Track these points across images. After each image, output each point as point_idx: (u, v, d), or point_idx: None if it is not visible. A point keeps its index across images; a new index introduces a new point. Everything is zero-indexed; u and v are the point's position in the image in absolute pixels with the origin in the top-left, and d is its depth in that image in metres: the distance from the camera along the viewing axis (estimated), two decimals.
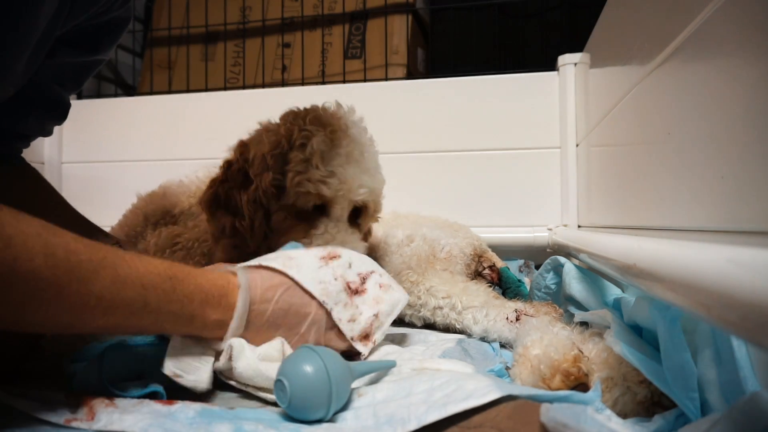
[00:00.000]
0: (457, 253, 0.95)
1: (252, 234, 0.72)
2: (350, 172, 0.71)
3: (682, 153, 0.51)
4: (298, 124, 0.73)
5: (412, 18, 1.56)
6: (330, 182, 0.70)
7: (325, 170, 0.70)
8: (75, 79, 0.65)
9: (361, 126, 0.77)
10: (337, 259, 0.60)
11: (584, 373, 0.48)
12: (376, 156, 0.78)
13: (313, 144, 0.70)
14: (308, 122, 0.73)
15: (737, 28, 0.40)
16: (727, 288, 0.26)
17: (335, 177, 0.71)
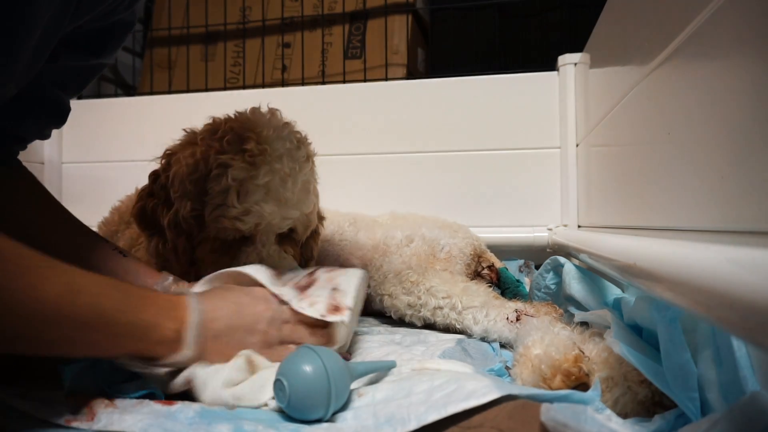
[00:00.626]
0: (456, 253, 0.95)
1: (176, 259, 0.69)
2: (268, 209, 0.66)
3: (682, 153, 0.51)
4: (215, 147, 0.68)
5: (412, 18, 1.56)
6: (246, 220, 0.66)
7: (241, 207, 0.65)
8: (77, 83, 0.64)
9: (287, 139, 0.70)
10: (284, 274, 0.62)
11: (585, 373, 0.48)
12: (306, 175, 0.71)
13: (229, 177, 0.65)
14: (225, 144, 0.67)
15: (737, 28, 0.40)
16: (727, 288, 0.26)
17: (251, 215, 0.66)
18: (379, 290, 0.86)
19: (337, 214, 1.04)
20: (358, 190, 1.35)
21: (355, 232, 0.99)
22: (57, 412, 0.43)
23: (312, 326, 0.57)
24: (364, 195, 1.33)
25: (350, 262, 0.95)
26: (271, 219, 0.67)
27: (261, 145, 0.67)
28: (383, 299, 0.85)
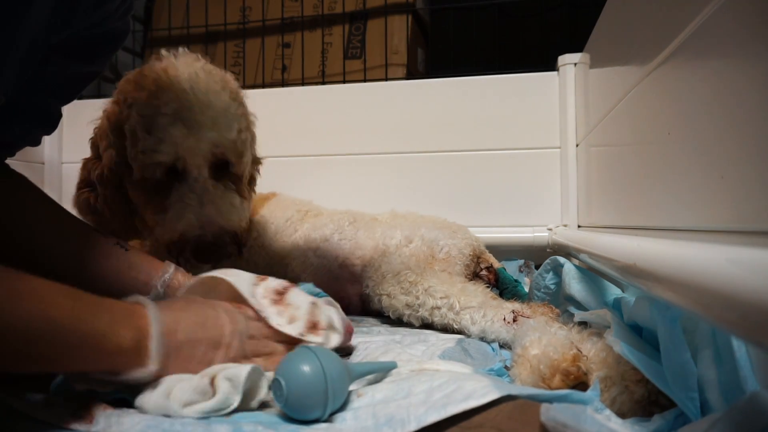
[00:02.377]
0: (455, 253, 0.95)
1: (110, 210, 0.70)
2: (177, 132, 0.66)
3: (682, 153, 0.51)
4: (125, 91, 0.69)
5: (412, 18, 1.56)
6: (161, 149, 0.66)
7: (151, 138, 0.66)
8: (69, 90, 0.63)
9: (197, 73, 0.72)
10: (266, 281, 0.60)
11: (584, 372, 0.48)
12: (221, 103, 0.71)
13: (133, 112, 0.66)
14: (133, 87, 0.69)
15: (737, 28, 0.40)
16: (727, 288, 0.26)
17: (164, 142, 0.66)
18: (377, 290, 0.86)
19: (335, 212, 1.04)
20: (358, 190, 1.35)
21: (355, 231, 0.99)
22: (57, 414, 0.43)
23: (288, 341, 0.55)
24: (363, 195, 1.33)
25: (350, 261, 0.95)
26: (185, 143, 0.66)
27: (165, 77, 0.68)
28: (381, 299, 0.85)
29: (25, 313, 0.36)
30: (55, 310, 0.38)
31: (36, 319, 0.37)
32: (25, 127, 0.62)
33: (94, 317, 0.41)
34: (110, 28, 0.61)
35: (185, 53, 0.75)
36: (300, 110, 1.39)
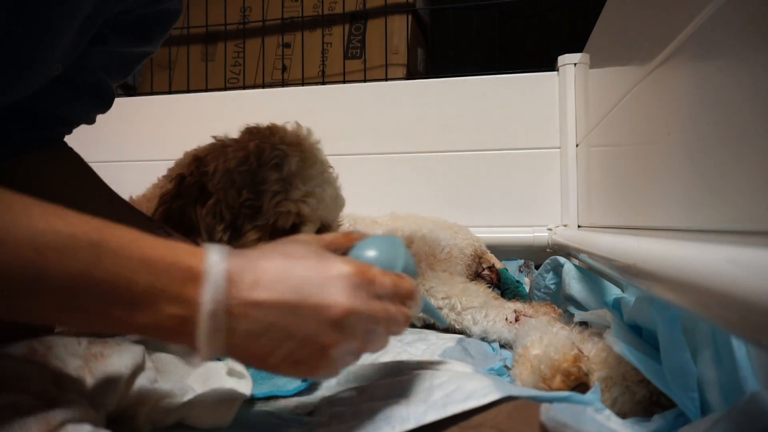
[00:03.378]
0: (457, 253, 0.95)
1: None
2: (329, 191, 0.74)
3: (682, 153, 0.51)
4: (270, 142, 0.73)
5: (412, 18, 1.56)
6: (309, 201, 0.71)
7: (304, 189, 0.71)
8: (122, 69, 0.65)
9: (321, 149, 0.79)
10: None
11: (584, 372, 0.48)
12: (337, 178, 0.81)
13: (291, 163, 0.71)
14: (279, 141, 0.73)
15: (737, 28, 0.40)
16: (727, 288, 0.26)
17: (314, 197, 0.71)
18: None
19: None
20: (358, 190, 1.34)
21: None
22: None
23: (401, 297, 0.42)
24: (363, 195, 1.33)
25: None
26: (329, 203, 0.73)
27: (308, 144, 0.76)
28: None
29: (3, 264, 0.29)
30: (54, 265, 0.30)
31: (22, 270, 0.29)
32: (85, 105, 0.64)
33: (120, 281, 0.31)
34: (164, 8, 0.62)
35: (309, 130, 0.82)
36: (300, 110, 1.38)
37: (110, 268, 0.31)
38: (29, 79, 0.50)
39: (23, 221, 0.29)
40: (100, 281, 0.31)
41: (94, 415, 0.38)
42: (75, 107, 0.63)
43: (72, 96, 0.60)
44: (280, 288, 0.34)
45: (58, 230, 0.30)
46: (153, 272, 0.32)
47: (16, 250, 0.28)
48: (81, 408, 0.37)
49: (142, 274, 0.32)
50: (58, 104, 0.60)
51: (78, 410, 0.37)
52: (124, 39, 0.60)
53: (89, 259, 0.30)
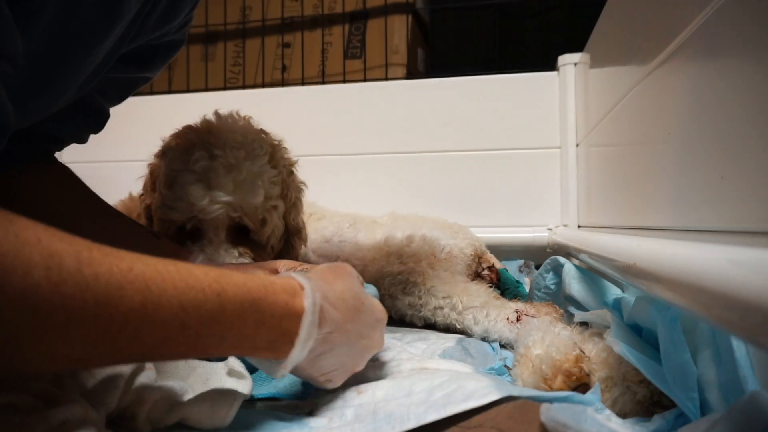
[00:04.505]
0: (457, 253, 0.95)
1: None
2: (195, 192, 0.65)
3: (682, 153, 0.51)
4: (166, 141, 0.72)
5: (412, 18, 1.56)
6: (177, 206, 0.66)
7: (170, 194, 0.66)
8: (119, 93, 0.66)
9: (240, 132, 0.71)
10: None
11: (586, 373, 0.48)
12: (257, 168, 0.70)
13: (161, 166, 0.69)
14: (173, 139, 0.72)
15: (737, 28, 0.40)
16: (727, 288, 0.26)
17: (182, 200, 0.66)
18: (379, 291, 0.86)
19: (336, 214, 1.04)
20: (358, 190, 1.35)
21: (355, 233, 0.99)
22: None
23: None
24: (363, 195, 1.33)
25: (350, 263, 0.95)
26: (199, 204, 0.65)
27: (205, 135, 0.69)
28: (383, 299, 0.85)
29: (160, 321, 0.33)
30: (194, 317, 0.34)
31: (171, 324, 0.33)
32: (77, 126, 0.64)
33: (238, 322, 0.37)
34: (169, 40, 0.64)
35: (236, 115, 0.76)
36: (300, 110, 1.39)
37: (231, 314, 0.36)
38: (44, 110, 0.52)
39: (170, 283, 0.33)
40: (223, 325, 0.36)
41: (94, 415, 0.38)
42: (67, 127, 0.63)
43: (65, 116, 0.60)
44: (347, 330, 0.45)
45: (193, 285, 0.34)
46: (260, 311, 0.38)
47: (170, 309, 0.33)
48: (81, 408, 0.37)
49: (253, 314, 0.38)
50: (51, 123, 0.60)
51: (78, 410, 0.37)
52: (125, 67, 0.61)
53: (216, 309, 0.35)
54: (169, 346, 0.34)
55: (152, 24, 0.58)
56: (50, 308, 0.27)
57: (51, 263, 0.28)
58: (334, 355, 0.44)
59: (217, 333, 0.36)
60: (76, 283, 0.28)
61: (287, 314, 0.40)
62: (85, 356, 0.31)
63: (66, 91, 0.51)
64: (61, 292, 0.28)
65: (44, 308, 0.27)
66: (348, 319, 0.45)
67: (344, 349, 0.45)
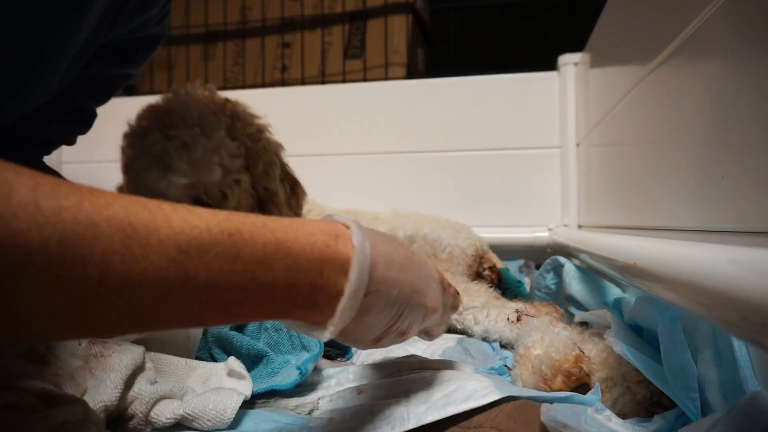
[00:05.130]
0: (458, 253, 0.95)
1: None
2: (149, 176, 0.66)
3: (682, 153, 0.51)
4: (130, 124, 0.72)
5: (412, 18, 1.55)
6: (138, 191, 0.67)
7: (130, 178, 0.67)
8: (105, 91, 0.65)
9: (196, 113, 0.69)
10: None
11: (586, 373, 0.48)
12: (211, 144, 0.68)
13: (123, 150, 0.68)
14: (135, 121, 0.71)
15: (737, 28, 0.40)
16: (727, 288, 0.26)
17: (141, 185, 0.67)
18: None
19: (336, 211, 1.04)
20: (358, 189, 1.35)
21: None
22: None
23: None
24: (363, 195, 1.33)
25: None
26: (157, 188, 0.65)
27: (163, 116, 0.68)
28: None
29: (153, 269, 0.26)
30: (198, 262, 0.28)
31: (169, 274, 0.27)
32: (63, 126, 0.63)
33: (261, 270, 0.30)
34: (148, 33, 0.62)
35: (198, 87, 0.75)
36: (300, 110, 1.39)
37: (249, 259, 0.29)
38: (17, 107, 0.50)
39: (162, 220, 0.27)
40: (242, 274, 0.29)
41: (94, 415, 0.38)
42: (53, 127, 0.62)
43: (50, 115, 0.59)
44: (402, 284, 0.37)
45: (195, 224, 0.28)
46: (291, 255, 0.31)
47: (163, 251, 0.26)
48: (81, 408, 0.37)
49: (280, 260, 0.31)
50: (36, 125, 0.59)
51: (78, 410, 0.37)
52: (105, 63, 0.60)
53: (229, 253, 0.29)
54: (173, 303, 0.27)
55: (129, 12, 0.56)
56: (37, 263, 0.23)
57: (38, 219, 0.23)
58: (386, 309, 0.37)
59: (235, 284, 0.29)
60: (30, 216, 0.23)
61: (330, 259, 0.32)
62: (59, 316, 0.24)
63: (44, 83, 0.50)
64: (11, 227, 0.22)
65: (32, 262, 0.23)
66: (400, 267, 0.38)
67: (396, 305, 0.37)
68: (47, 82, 0.50)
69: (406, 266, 0.38)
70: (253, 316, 0.32)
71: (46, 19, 0.45)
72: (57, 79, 0.51)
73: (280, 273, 0.30)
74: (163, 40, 0.66)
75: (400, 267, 0.38)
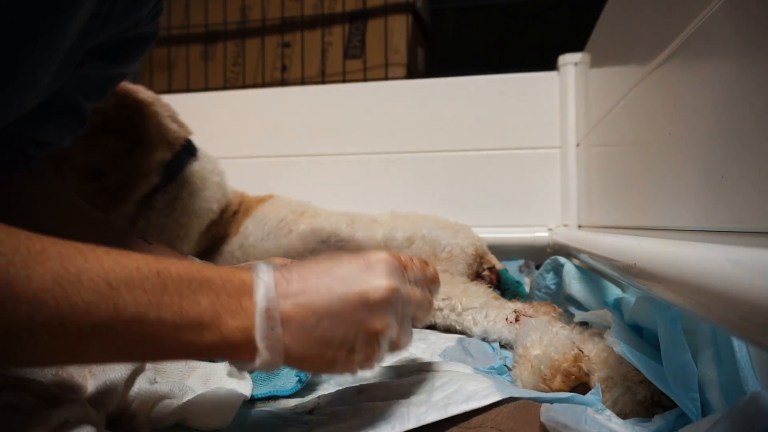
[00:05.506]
0: (458, 252, 0.95)
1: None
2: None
3: (682, 153, 0.51)
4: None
5: (412, 18, 1.55)
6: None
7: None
8: (98, 90, 0.65)
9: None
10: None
11: (585, 372, 0.48)
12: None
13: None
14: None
15: (737, 28, 0.40)
16: (727, 288, 0.26)
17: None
18: None
19: (333, 213, 1.04)
20: (358, 189, 1.35)
21: (353, 233, 0.99)
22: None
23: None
24: (363, 195, 1.33)
25: None
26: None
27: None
28: None
29: (83, 303, 0.28)
30: (127, 296, 0.30)
31: (99, 308, 0.29)
32: (58, 127, 0.63)
33: (187, 302, 0.32)
34: (140, 32, 0.63)
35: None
36: (300, 110, 1.39)
37: (176, 293, 0.32)
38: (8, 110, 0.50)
39: (93, 261, 0.29)
40: (170, 307, 0.31)
41: (94, 415, 0.38)
42: (48, 128, 0.62)
43: (45, 117, 0.59)
44: (326, 281, 0.36)
45: (125, 264, 0.30)
46: (213, 290, 0.33)
47: (93, 287, 0.29)
48: (81, 408, 0.37)
49: (205, 294, 0.33)
50: (31, 126, 0.59)
51: (78, 410, 0.37)
52: (99, 62, 0.60)
53: (157, 288, 0.31)
54: (103, 338, 0.29)
55: (120, 12, 0.56)
56: None
57: None
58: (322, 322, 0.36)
59: (164, 318, 0.31)
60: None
61: (245, 291, 0.34)
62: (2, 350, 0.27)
63: (35, 85, 0.49)
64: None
65: None
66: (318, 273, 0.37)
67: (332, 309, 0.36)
68: (38, 84, 0.50)
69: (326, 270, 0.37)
70: (185, 352, 0.33)
71: (35, 22, 0.45)
72: (48, 81, 0.51)
73: (206, 306, 0.32)
74: (156, 38, 0.66)
75: (319, 272, 0.37)
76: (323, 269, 0.37)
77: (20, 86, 0.48)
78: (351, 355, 0.37)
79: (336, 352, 0.36)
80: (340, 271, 0.37)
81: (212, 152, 1.07)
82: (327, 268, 0.37)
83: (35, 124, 0.59)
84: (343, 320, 0.36)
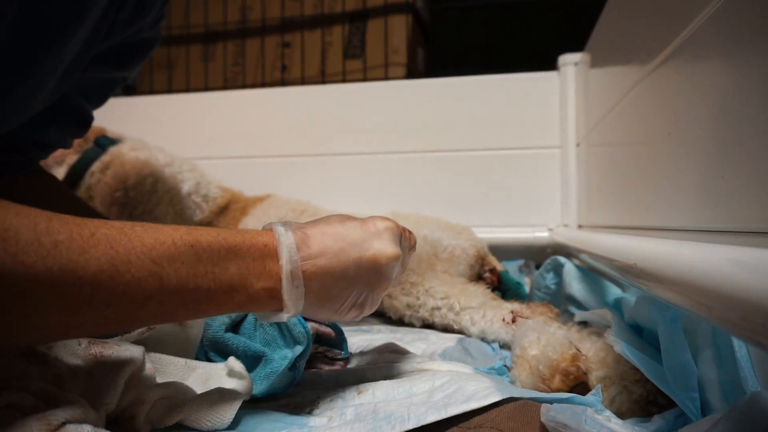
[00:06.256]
0: (459, 253, 0.95)
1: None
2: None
3: (682, 153, 0.51)
4: None
5: (412, 18, 1.55)
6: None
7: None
8: (100, 94, 0.66)
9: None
10: None
11: (583, 371, 0.48)
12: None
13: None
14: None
15: (737, 29, 0.40)
16: (727, 288, 0.26)
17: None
18: None
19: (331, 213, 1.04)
20: (358, 189, 1.35)
21: None
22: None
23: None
24: (363, 195, 1.33)
25: None
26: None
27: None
28: (382, 300, 0.85)
29: (134, 279, 0.33)
30: (170, 269, 0.34)
31: (148, 282, 0.33)
32: (60, 129, 0.64)
33: (219, 270, 0.37)
34: (143, 37, 0.64)
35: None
36: (300, 110, 1.39)
37: (209, 262, 0.37)
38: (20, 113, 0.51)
39: (136, 240, 0.34)
40: (204, 276, 0.36)
41: (94, 415, 0.38)
42: (50, 131, 0.62)
43: (47, 120, 0.60)
44: (342, 246, 0.42)
45: (162, 240, 0.35)
46: (240, 256, 0.39)
47: (141, 265, 0.33)
48: (81, 408, 0.37)
49: (233, 261, 0.38)
50: (34, 129, 0.59)
51: (78, 410, 0.37)
52: (102, 66, 0.61)
53: (192, 260, 0.36)
54: (151, 306, 0.34)
55: (124, 20, 0.57)
56: (13, 278, 0.29)
57: (7, 236, 0.29)
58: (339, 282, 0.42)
59: (200, 285, 0.36)
60: (35, 252, 0.29)
61: (268, 254, 0.40)
62: (64, 323, 0.32)
63: (40, 92, 0.51)
64: (22, 262, 0.29)
65: (7, 278, 0.28)
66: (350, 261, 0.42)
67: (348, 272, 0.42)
68: (43, 92, 0.51)
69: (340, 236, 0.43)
70: (218, 311, 0.39)
71: (45, 32, 0.45)
72: (53, 88, 0.52)
73: (235, 272, 0.38)
74: (158, 42, 0.67)
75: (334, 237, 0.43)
76: (337, 234, 0.43)
77: (27, 94, 0.49)
78: (357, 309, 0.45)
79: (345, 306, 0.43)
80: (353, 237, 0.43)
81: (212, 152, 1.07)
82: (341, 234, 0.43)
83: (38, 128, 0.60)
84: (357, 282, 0.43)
